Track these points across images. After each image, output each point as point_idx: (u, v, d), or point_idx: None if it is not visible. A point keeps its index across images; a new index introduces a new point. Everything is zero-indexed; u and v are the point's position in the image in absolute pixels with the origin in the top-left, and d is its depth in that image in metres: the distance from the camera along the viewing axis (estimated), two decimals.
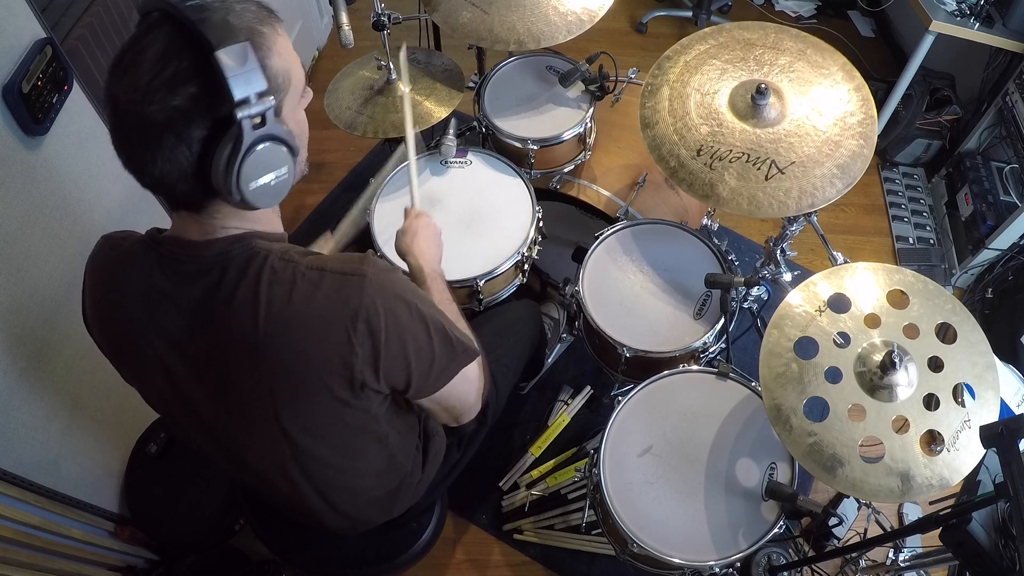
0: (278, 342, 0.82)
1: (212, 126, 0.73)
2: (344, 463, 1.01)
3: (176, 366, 0.89)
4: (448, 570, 1.79)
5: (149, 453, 1.65)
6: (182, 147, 0.73)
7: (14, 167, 1.21)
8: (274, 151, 0.77)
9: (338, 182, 2.58)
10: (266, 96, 0.73)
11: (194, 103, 0.71)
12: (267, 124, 0.74)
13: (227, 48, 0.69)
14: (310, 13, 2.81)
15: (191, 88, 0.71)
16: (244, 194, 0.76)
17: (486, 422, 1.35)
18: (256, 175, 0.76)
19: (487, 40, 1.65)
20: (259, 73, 0.72)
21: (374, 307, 0.82)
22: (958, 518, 1.03)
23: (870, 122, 1.36)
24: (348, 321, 0.82)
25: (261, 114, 0.73)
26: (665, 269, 1.59)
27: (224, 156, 0.73)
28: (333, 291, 0.82)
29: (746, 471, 1.31)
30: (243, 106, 0.71)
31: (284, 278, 0.82)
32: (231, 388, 0.88)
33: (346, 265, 0.84)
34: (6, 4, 1.16)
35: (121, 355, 0.95)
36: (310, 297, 0.81)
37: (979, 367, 1.15)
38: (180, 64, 0.71)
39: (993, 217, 2.15)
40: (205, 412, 0.93)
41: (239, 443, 0.96)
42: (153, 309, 0.86)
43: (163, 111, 0.71)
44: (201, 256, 0.83)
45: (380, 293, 0.84)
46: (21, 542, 1.21)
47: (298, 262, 0.83)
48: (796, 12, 3.17)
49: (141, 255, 0.87)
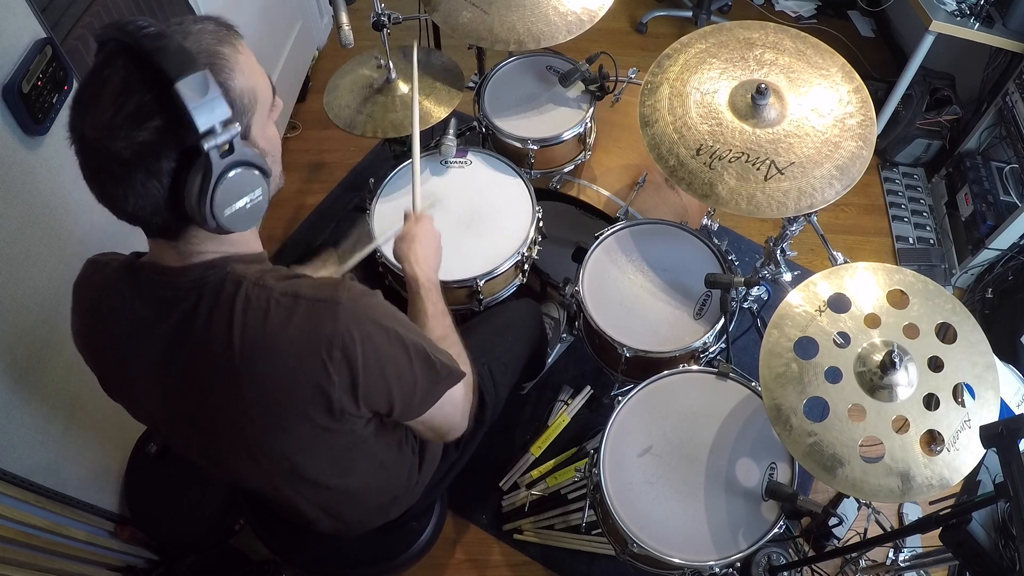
0: (255, 369, 0.81)
1: (180, 157, 0.71)
2: (335, 481, 1.01)
3: (157, 392, 0.89)
4: (448, 570, 1.79)
5: (149, 453, 1.65)
6: (152, 181, 0.71)
7: (14, 167, 1.21)
8: (245, 176, 0.75)
9: (338, 182, 2.58)
10: (231, 123, 0.71)
11: (160, 136, 0.70)
12: (235, 151, 0.73)
13: (186, 79, 0.67)
14: (310, 13, 2.81)
15: (155, 122, 0.69)
16: (219, 221, 0.74)
17: (484, 421, 1.35)
18: (229, 201, 0.74)
19: (487, 40, 1.65)
20: (221, 100, 0.70)
21: (349, 334, 0.81)
22: (958, 518, 1.03)
23: (869, 123, 1.36)
24: (323, 349, 0.80)
25: (228, 142, 0.71)
26: (665, 269, 1.59)
27: (195, 186, 0.72)
28: (306, 319, 0.80)
29: (746, 471, 1.31)
30: (208, 136, 0.69)
31: (258, 305, 0.80)
32: (213, 414, 0.87)
33: (320, 291, 0.82)
34: (6, 4, 1.16)
35: (107, 377, 0.95)
36: (284, 324, 0.80)
37: (979, 367, 1.15)
38: (141, 98, 0.69)
39: (993, 217, 2.15)
40: (191, 436, 0.93)
41: (228, 464, 0.96)
42: (133, 334, 0.85)
43: (129, 148, 0.69)
44: (177, 283, 0.82)
45: (355, 320, 0.82)
46: (21, 542, 1.21)
47: (272, 288, 0.81)
48: (796, 12, 3.17)
49: (121, 280, 0.86)
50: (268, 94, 0.82)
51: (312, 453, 0.92)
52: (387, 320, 0.87)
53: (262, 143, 0.81)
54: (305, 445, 0.90)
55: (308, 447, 0.90)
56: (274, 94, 0.84)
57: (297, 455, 0.91)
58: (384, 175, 1.71)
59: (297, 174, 2.59)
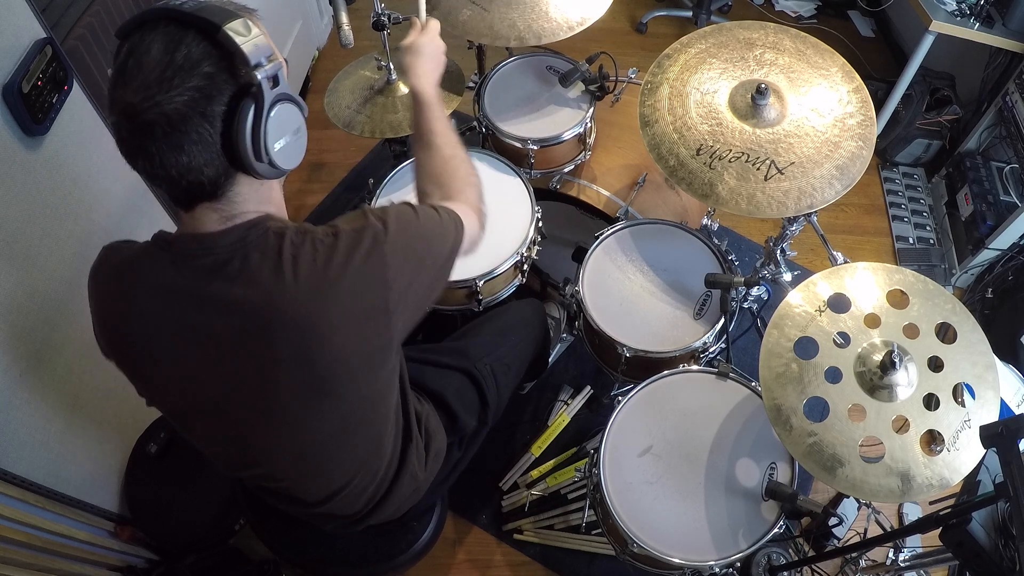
0: (316, 305, 0.85)
1: (230, 99, 0.76)
2: (343, 437, 1.00)
3: (199, 360, 0.89)
4: (448, 570, 1.79)
5: (149, 453, 1.65)
6: (206, 126, 0.76)
7: (14, 167, 1.21)
8: (290, 110, 0.83)
9: (338, 182, 2.58)
10: (274, 58, 0.78)
11: (212, 79, 0.75)
12: (280, 84, 0.80)
13: (232, 23, 0.75)
14: (310, 13, 2.81)
15: (205, 67, 0.74)
16: (271, 156, 0.80)
17: (487, 422, 1.35)
18: (279, 135, 0.81)
19: (488, 37, 1.65)
20: (263, 39, 0.77)
21: (392, 246, 0.89)
22: (958, 518, 1.03)
23: (869, 123, 1.36)
24: (376, 265, 0.87)
25: (274, 75, 0.78)
26: (665, 269, 1.59)
27: (248, 122, 0.77)
28: (351, 246, 0.87)
29: (746, 471, 1.31)
30: (259, 68, 0.76)
31: (305, 247, 0.86)
32: (257, 367, 0.88)
33: (354, 222, 0.90)
34: (6, 4, 1.16)
35: (139, 361, 0.94)
36: (333, 255, 0.86)
37: (979, 367, 1.16)
38: (188, 50, 0.74)
39: (993, 217, 2.15)
40: (221, 399, 0.93)
41: (251, 426, 0.96)
42: (169, 306, 0.87)
43: (183, 94, 0.73)
44: (218, 245, 0.84)
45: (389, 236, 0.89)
46: (21, 542, 1.21)
47: (314, 231, 0.88)
48: (796, 12, 3.17)
49: (150, 256, 0.88)
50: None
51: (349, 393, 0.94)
52: (412, 224, 0.95)
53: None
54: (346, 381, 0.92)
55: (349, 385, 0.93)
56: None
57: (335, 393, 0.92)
58: (384, 175, 1.71)
59: (297, 174, 2.58)
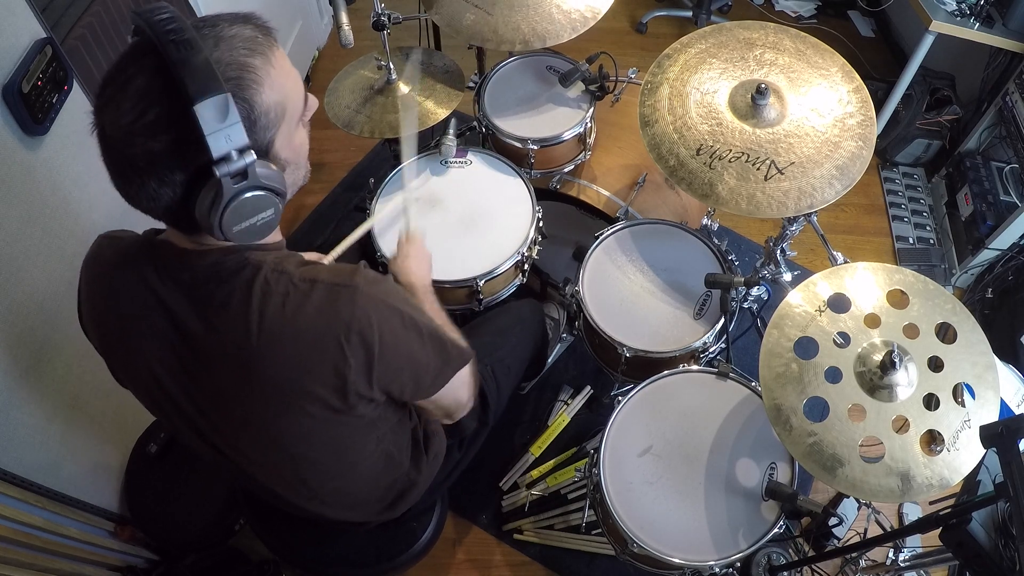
0: (273, 352, 0.82)
1: (193, 174, 0.71)
2: (341, 468, 1.01)
3: (168, 371, 0.88)
4: (448, 570, 1.79)
5: (149, 453, 1.65)
6: (165, 188, 0.72)
7: (14, 167, 1.21)
8: (258, 199, 0.74)
9: (338, 182, 2.58)
10: (247, 151, 0.71)
11: (174, 150, 0.70)
12: (249, 178, 0.72)
13: (206, 101, 0.66)
14: (310, 13, 2.81)
15: (171, 135, 0.69)
16: (227, 236, 0.75)
17: (487, 422, 1.35)
18: (239, 220, 0.74)
19: (492, 41, 1.65)
20: (239, 128, 0.69)
21: (367, 318, 0.83)
22: (958, 518, 1.03)
23: (869, 123, 1.36)
24: (341, 332, 0.81)
25: (242, 170, 0.71)
26: (665, 269, 1.59)
27: (206, 203, 0.72)
28: (326, 303, 0.82)
29: (746, 471, 1.31)
30: (223, 163, 0.69)
31: (277, 289, 0.81)
32: (224, 397, 0.88)
33: (338, 276, 0.84)
34: (6, 4, 1.16)
35: (114, 354, 0.95)
36: (302, 308, 0.81)
37: (979, 367, 1.15)
38: (160, 110, 0.69)
39: (993, 217, 2.15)
40: (197, 419, 0.93)
41: (233, 449, 0.97)
42: (148, 312, 0.85)
43: (144, 156, 0.70)
44: (196, 265, 0.82)
45: (371, 303, 0.84)
46: (21, 542, 1.21)
47: (291, 273, 0.83)
48: (796, 12, 3.17)
49: (138, 257, 0.86)
50: (299, 101, 0.81)
51: (320, 437, 0.93)
52: (401, 304, 0.89)
53: (285, 153, 0.81)
54: (315, 428, 0.90)
55: (317, 430, 0.91)
56: (307, 97, 0.84)
57: (305, 439, 0.92)
58: (384, 175, 1.71)
59: None
